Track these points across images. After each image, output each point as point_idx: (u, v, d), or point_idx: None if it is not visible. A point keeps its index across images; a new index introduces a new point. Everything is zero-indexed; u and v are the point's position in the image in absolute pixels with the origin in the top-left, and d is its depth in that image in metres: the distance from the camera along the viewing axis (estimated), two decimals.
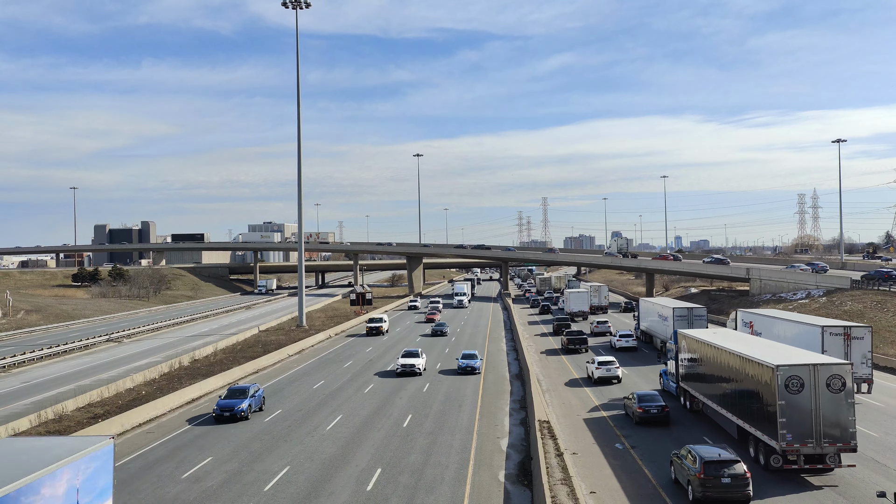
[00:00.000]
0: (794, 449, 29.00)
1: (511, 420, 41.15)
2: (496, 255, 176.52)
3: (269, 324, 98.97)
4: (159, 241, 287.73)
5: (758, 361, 31.59)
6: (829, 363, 30.19)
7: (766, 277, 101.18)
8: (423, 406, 45.07)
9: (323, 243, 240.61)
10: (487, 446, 35.42)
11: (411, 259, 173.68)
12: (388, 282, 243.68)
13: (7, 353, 72.85)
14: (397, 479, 30.14)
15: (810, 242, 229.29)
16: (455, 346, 74.13)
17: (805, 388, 29.25)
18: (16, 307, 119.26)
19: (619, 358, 60.45)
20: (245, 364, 60.85)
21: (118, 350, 78.66)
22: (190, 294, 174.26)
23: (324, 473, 31.14)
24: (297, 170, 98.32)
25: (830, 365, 29.87)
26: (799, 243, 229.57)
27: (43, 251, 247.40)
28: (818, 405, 29.15)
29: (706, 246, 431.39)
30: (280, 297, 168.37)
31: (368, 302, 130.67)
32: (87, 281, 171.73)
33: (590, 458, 33.22)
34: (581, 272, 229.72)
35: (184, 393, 48.38)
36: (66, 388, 54.71)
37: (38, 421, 41.24)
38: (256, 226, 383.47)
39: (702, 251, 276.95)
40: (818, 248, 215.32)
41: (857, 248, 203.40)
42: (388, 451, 34.71)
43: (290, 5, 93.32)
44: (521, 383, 52.59)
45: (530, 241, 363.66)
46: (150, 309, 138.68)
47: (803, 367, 29.62)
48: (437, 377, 56.12)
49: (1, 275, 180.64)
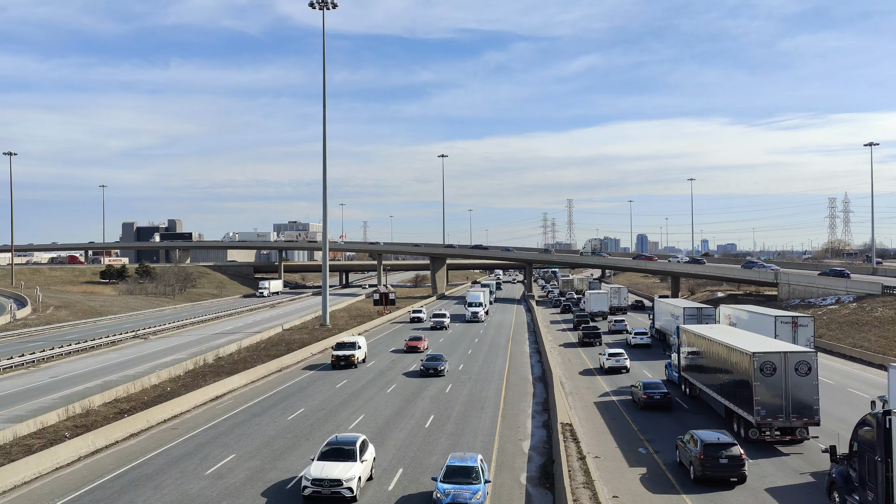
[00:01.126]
0: (768, 423, 34.46)
1: (533, 422, 40.97)
2: (520, 257, 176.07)
3: (292, 322, 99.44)
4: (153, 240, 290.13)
5: (739, 350, 37.06)
6: (798, 351, 35.93)
7: (795, 282, 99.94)
8: (446, 407, 45.00)
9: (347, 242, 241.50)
10: (509, 448, 35.30)
11: (435, 260, 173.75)
12: (412, 282, 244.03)
13: (36, 347, 73.83)
14: (419, 480, 30.11)
15: (841, 247, 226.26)
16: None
17: (777, 371, 34.64)
18: (45, 303, 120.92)
19: (633, 353, 66.46)
20: (269, 362, 61.16)
21: (144, 347, 79.44)
22: (215, 292, 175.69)
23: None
24: (322, 170, 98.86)
25: (798, 352, 35.61)
26: (829, 248, 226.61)
27: (72, 248, 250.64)
28: (788, 386, 34.55)
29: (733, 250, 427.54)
30: (304, 297, 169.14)
31: (391, 302, 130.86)
32: (114, 278, 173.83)
33: (612, 462, 32.98)
34: (605, 275, 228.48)
35: (208, 390, 48.72)
36: (93, 383, 55.33)
37: (65, 415, 41.73)
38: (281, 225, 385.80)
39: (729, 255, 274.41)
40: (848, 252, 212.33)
41: (889, 254, 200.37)
42: (409, 451, 34.70)
43: (317, 6, 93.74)
44: (543, 385, 52.36)
45: (555, 244, 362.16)
46: (176, 306, 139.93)
47: (775, 354, 35.08)
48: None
49: (31, 271, 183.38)
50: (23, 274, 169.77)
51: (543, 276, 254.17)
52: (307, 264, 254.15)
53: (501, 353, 70.27)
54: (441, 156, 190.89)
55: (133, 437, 37.78)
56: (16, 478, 29.91)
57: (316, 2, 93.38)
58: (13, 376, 59.60)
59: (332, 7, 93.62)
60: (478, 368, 60.51)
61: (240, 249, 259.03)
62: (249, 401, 47.93)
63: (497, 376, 56.89)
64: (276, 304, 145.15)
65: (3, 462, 31.72)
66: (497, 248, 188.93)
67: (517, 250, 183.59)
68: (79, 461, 33.42)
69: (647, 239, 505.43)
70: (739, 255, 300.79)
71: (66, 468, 32.34)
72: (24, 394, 51.53)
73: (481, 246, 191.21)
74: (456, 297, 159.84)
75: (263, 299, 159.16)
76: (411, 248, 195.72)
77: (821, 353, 64.92)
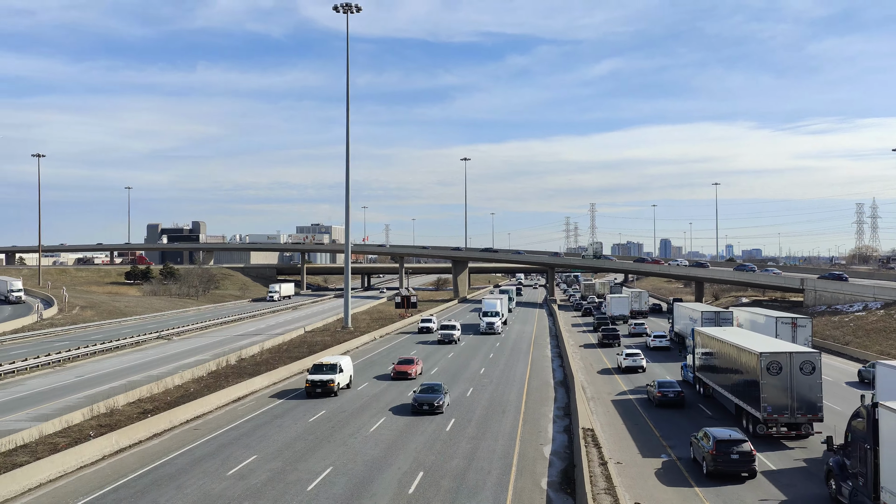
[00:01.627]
0: (774, 419, 36.44)
1: (555, 427, 40.79)
2: (542, 261, 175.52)
3: (314, 325, 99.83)
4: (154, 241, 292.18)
5: (747, 350, 38.96)
6: (802, 351, 37.80)
7: (822, 288, 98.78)
8: (467, 411, 44.92)
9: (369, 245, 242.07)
10: (530, 453, 35.15)
11: (457, 263, 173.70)
12: (433, 285, 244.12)
13: (62, 347, 74.69)
14: (439, 483, 30.06)
15: (868, 253, 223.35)
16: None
17: (782, 370, 36.52)
18: (71, 303, 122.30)
19: (652, 356, 69.12)
20: (290, 364, 61.41)
21: (168, 347, 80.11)
22: (238, 294, 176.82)
23: (366, 475, 31.21)
24: (344, 172, 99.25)
25: (803, 353, 37.47)
26: (856, 254, 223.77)
27: (98, 249, 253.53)
28: (793, 384, 36.43)
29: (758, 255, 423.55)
30: (326, 299, 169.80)
31: (413, 305, 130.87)
32: (139, 279, 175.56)
33: (634, 468, 32.76)
34: (629, 279, 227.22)
35: (230, 391, 49.02)
36: (117, 383, 55.90)
37: (90, 414, 42.17)
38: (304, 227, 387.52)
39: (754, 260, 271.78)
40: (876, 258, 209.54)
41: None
42: (430, 454, 34.65)
43: (340, 10, 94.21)
44: (565, 390, 52.11)
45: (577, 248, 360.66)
46: (199, 307, 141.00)
47: (781, 353, 37.00)
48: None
49: (58, 271, 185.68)
50: (49, 274, 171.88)
51: (566, 280, 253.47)
52: (329, 266, 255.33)
53: (522, 359, 70.03)
54: (463, 159, 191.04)
55: (156, 437, 38.09)
56: (41, 476, 30.26)
57: (340, 6, 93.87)
58: (40, 375, 60.34)
59: (356, 11, 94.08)
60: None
61: (263, 251, 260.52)
62: (272, 402, 48.15)
63: (518, 380, 56.74)
64: (298, 307, 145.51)
65: (29, 460, 32.12)
66: (507, 251, 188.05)
67: (528, 253, 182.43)
68: (103, 460, 33.75)
69: (670, 243, 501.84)
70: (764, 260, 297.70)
71: (90, 467, 32.67)
72: (50, 393, 52.16)
73: (491, 249, 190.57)
74: (477, 301, 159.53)
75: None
76: (433, 251, 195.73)
77: (846, 360, 64.74)
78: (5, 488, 28.30)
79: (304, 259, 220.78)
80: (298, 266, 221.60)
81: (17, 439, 35.81)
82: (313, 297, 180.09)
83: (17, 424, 40.93)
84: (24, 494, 28.85)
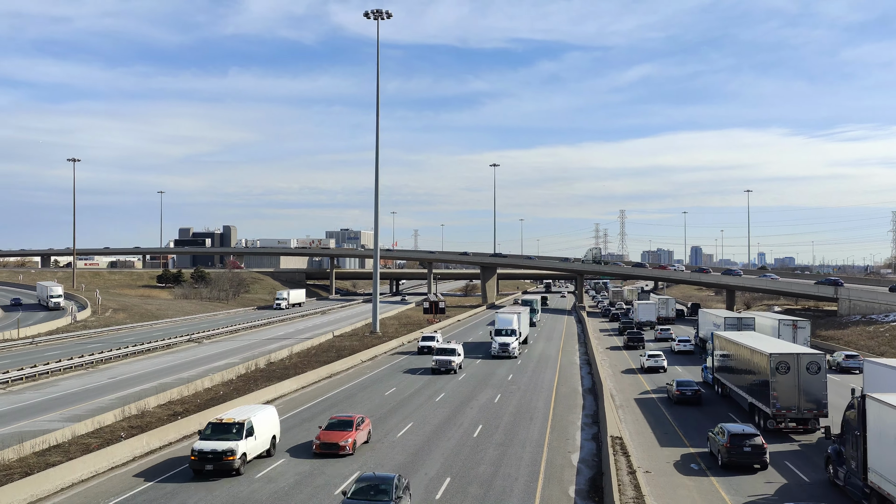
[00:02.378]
0: (783, 414, 39.57)
1: (583, 435, 40.53)
2: (571, 268, 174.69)
3: (343, 329, 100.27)
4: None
5: (759, 351, 42.14)
6: (809, 352, 41.29)
7: (856, 298, 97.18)
8: (494, 417, 44.80)
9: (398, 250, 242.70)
10: (558, 460, 34.95)
11: (485, 269, 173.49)
12: (462, 291, 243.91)
13: (95, 349, 75.79)
14: (466, 490, 29.98)
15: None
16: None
17: (791, 369, 39.73)
18: (104, 306, 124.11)
19: (676, 359, 72.85)
20: (319, 368, 61.71)
21: (198, 350, 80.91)
22: (267, 298, 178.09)
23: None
24: (374, 178, 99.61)
25: (809, 354, 40.95)
26: (892, 262, 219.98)
27: (131, 252, 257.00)
28: (800, 382, 39.55)
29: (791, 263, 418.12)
30: (354, 303, 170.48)
31: (441, 311, 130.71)
32: (170, 282, 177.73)
33: (663, 477, 32.44)
34: (659, 287, 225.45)
35: (259, 395, 49.34)
36: (148, 385, 56.55)
37: (122, 416, 42.70)
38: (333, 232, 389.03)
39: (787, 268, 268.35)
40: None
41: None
42: (457, 460, 34.59)
43: (371, 16, 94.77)
44: (593, 398, 51.78)
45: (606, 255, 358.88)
46: (229, 311, 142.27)
47: (789, 354, 40.49)
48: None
49: (91, 274, 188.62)
50: (83, 277, 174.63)
51: (594, 287, 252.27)
52: (358, 272, 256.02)
53: (551, 365, 69.70)
54: (492, 165, 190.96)
55: (186, 440, 38.41)
56: (74, 476, 30.69)
57: (370, 12, 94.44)
58: (73, 376, 61.26)
59: (387, 17, 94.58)
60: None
61: (293, 256, 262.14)
62: (299, 406, 48.41)
63: (546, 387, 56.47)
64: (328, 311, 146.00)
65: (62, 460, 32.58)
66: (519, 257, 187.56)
67: (570, 261, 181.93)
68: (133, 461, 34.14)
69: (701, 251, 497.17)
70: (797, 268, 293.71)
71: (121, 468, 33.06)
72: (83, 394, 52.94)
73: (500, 254, 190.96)
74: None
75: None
76: (461, 256, 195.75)
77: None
78: (39, 487, 28.75)
79: (333, 264, 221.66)
80: (328, 271, 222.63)
81: (51, 439, 36.37)
82: (341, 301, 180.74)
83: (50, 425, 41.59)
84: (57, 494, 29.26)
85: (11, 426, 41.96)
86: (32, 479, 28.83)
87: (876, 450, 27.12)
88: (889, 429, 26.35)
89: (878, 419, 27.13)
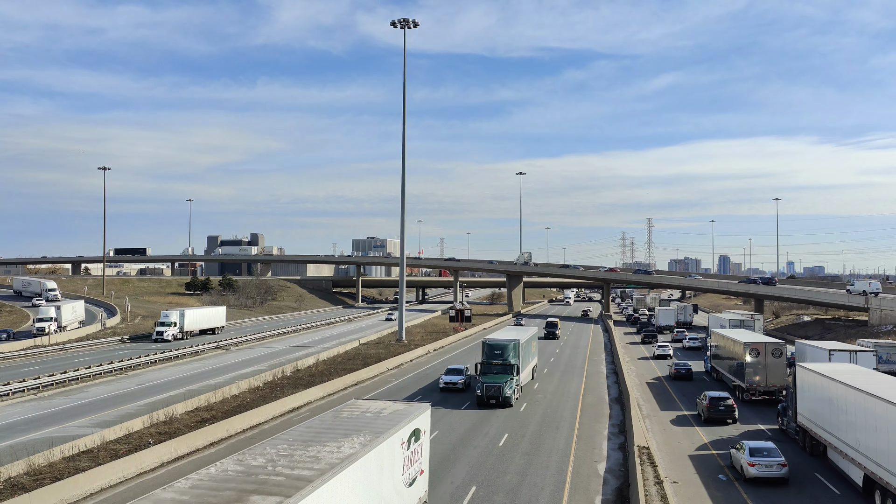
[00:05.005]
0: (754, 388, 52.81)
1: (609, 444, 40.19)
2: (598, 276, 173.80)
3: (369, 337, 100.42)
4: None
5: (737, 341, 56.14)
6: (773, 341, 54.77)
7: (888, 307, 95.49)
8: (520, 426, 44.58)
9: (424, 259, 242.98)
10: (584, 470, 34.68)
11: (511, 277, 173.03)
12: (488, 299, 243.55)
13: (124, 356, 76.59)
14: (492, 499, 29.82)
15: None
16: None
17: (760, 354, 52.95)
18: (133, 312, 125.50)
19: (687, 354, 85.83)
20: (345, 376, 61.81)
21: (225, 357, 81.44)
22: (294, 305, 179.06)
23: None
24: (400, 186, 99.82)
25: (774, 342, 54.37)
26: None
27: (158, 259, 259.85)
28: (767, 364, 52.75)
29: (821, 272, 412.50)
30: (380, 311, 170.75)
31: (467, 319, 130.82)
32: (198, 289, 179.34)
33: (691, 488, 32.04)
34: (685, 296, 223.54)
35: (286, 402, 49.51)
36: (176, 391, 57.00)
37: (150, 422, 43.04)
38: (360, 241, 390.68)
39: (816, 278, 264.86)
40: None
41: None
42: (483, 469, 34.44)
43: (398, 25, 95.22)
44: (620, 407, 51.36)
45: (633, 263, 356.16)
46: (256, 319, 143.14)
47: (759, 343, 53.72)
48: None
49: (121, 281, 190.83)
50: (113, 284, 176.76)
51: (620, 295, 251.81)
52: (384, 280, 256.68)
53: (577, 374, 69.25)
54: (519, 173, 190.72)
55: (213, 446, 38.66)
56: (102, 481, 30.98)
57: (397, 21, 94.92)
58: (103, 383, 61.93)
59: (414, 26, 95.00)
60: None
61: (319, 264, 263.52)
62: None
63: (573, 396, 56.11)
64: (353, 319, 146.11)
65: (91, 465, 32.91)
66: (565, 267, 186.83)
67: (596, 269, 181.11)
68: (161, 467, 34.39)
69: (729, 260, 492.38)
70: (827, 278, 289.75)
71: (149, 473, 33.32)
72: (112, 400, 53.48)
73: (489, 261, 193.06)
74: (533, 316, 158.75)
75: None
76: (487, 265, 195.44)
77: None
78: (69, 492, 29.06)
79: (360, 272, 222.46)
80: (354, 279, 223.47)
81: (80, 445, 36.76)
82: (367, 309, 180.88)
83: (80, 430, 42.08)
84: (87, 499, 29.55)
85: (42, 432, 42.51)
86: (62, 485, 29.13)
87: (801, 400, 39.32)
88: (808, 384, 38.52)
89: (802, 379, 39.42)
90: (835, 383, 34.18)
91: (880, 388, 31.06)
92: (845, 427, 32.60)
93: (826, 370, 37.26)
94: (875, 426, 29.21)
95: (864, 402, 30.59)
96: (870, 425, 29.77)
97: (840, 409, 33.37)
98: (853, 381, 33.10)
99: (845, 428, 32.59)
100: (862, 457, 30.37)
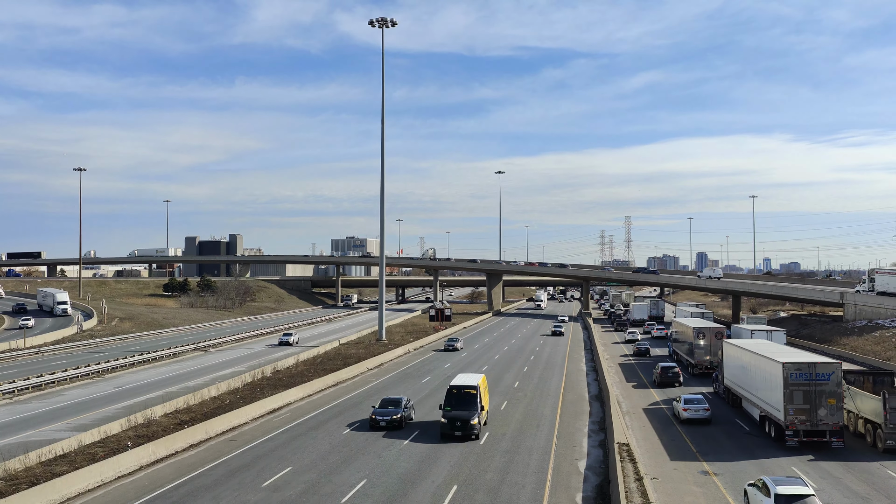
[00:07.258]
0: (701, 364, 65.26)
1: (589, 441, 40.38)
2: (577, 274, 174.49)
3: (349, 337, 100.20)
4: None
5: (689, 326, 70.16)
6: (711, 326, 67.85)
7: (862, 303, 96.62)
8: (501, 424, 44.69)
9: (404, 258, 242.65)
10: (565, 467, 34.83)
11: (491, 276, 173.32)
12: (468, 298, 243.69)
13: (102, 358, 75.84)
14: (473, 497, 29.88)
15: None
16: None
17: (706, 337, 65.82)
18: (110, 315, 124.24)
19: (654, 342, 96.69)
20: (325, 376, 61.65)
21: (204, 359, 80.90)
22: (273, 306, 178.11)
23: (400, 488, 31.15)
24: (380, 185, 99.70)
25: (712, 327, 67.64)
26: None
27: (134, 261, 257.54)
28: (711, 345, 64.88)
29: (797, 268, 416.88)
30: (361, 311, 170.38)
31: (447, 318, 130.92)
32: (176, 291, 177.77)
33: (645, 428, 32.47)
34: (664, 293, 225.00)
35: (265, 403, 49.32)
36: (155, 394, 56.56)
37: (128, 425, 42.69)
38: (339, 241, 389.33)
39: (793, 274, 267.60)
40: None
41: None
42: (464, 468, 34.49)
43: (377, 24, 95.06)
44: (600, 404, 51.63)
45: (612, 261, 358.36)
46: (235, 320, 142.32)
47: (703, 327, 67.52)
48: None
49: (98, 283, 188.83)
50: (90, 286, 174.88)
51: (598, 292, 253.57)
52: (364, 279, 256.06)
53: (558, 371, 69.59)
54: (498, 172, 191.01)
55: (192, 448, 38.42)
56: (80, 485, 30.68)
57: (376, 21, 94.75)
58: (79, 386, 61.29)
59: (392, 25, 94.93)
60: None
61: (298, 264, 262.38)
62: (306, 414, 48.36)
63: (553, 393, 56.34)
64: (333, 319, 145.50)
65: (68, 470, 32.56)
66: (544, 265, 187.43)
67: (575, 267, 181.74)
68: (140, 470, 34.13)
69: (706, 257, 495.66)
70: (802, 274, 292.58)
71: (127, 477, 33.05)
72: (89, 403, 52.95)
73: (474, 260, 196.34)
74: (511, 315, 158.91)
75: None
76: (467, 263, 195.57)
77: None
78: (46, 497, 28.72)
79: (339, 272, 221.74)
80: (333, 279, 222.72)
81: (57, 449, 36.37)
82: (346, 309, 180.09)
83: (56, 434, 41.63)
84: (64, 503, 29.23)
85: (17, 436, 41.99)
86: (39, 489, 28.80)
87: (726, 367, 52.37)
88: (730, 356, 51.49)
89: (727, 353, 52.46)
90: (745, 352, 47.32)
91: (771, 352, 44.11)
92: (751, 382, 45.35)
93: (742, 343, 51.30)
94: (764, 378, 41.97)
95: (758, 363, 43.60)
96: (761, 378, 42.68)
97: (748, 371, 46.17)
98: (756, 348, 46.29)
99: (751, 383, 45.34)
100: (759, 400, 43.04)
